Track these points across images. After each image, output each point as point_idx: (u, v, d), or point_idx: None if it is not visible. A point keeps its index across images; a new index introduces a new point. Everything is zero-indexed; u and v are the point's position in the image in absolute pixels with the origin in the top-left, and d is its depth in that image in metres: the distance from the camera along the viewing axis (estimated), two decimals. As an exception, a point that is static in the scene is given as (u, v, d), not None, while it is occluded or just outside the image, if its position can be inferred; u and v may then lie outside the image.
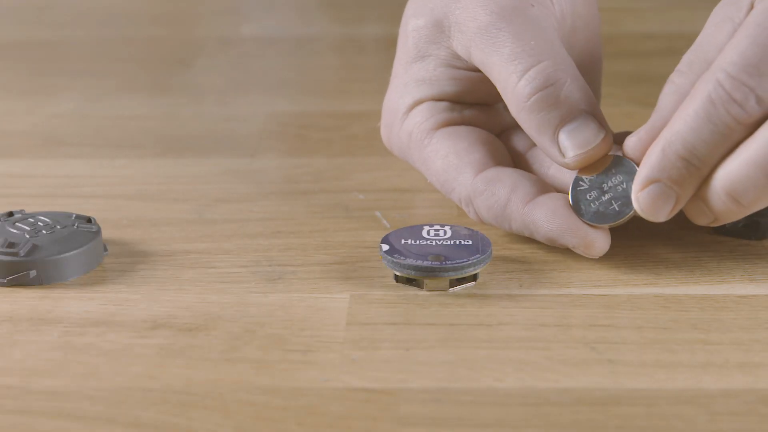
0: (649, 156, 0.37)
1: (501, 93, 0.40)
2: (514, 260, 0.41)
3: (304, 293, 0.39)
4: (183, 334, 0.36)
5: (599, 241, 0.39)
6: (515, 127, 0.44)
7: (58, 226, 0.41)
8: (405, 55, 0.45)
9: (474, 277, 0.39)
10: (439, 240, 0.40)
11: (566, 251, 0.41)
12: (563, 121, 0.39)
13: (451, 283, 0.39)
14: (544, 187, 0.41)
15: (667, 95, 0.38)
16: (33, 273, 0.39)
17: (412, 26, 0.44)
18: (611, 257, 0.41)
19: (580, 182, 0.40)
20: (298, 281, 0.40)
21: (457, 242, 0.40)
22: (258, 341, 0.36)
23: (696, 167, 0.37)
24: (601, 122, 0.39)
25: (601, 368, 0.34)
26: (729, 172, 0.36)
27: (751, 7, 0.38)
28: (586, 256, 0.40)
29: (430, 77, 0.43)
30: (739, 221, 0.43)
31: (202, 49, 0.73)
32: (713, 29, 0.39)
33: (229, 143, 0.55)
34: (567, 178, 0.41)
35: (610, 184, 0.39)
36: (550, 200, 0.40)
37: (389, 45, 0.48)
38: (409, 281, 0.39)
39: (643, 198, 0.37)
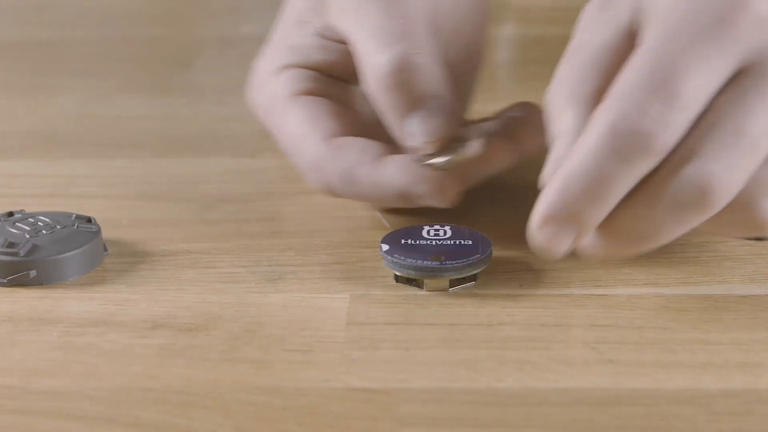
0: (548, 192, 0.34)
1: (359, 66, 0.40)
2: (514, 260, 0.41)
3: (304, 293, 0.39)
4: (183, 334, 0.36)
5: (450, 184, 0.39)
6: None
7: (58, 226, 0.41)
8: (287, 19, 0.45)
9: (474, 277, 0.39)
10: (439, 240, 0.40)
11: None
12: (412, 106, 0.39)
13: (451, 283, 0.39)
14: (396, 153, 0.40)
15: (568, 113, 0.36)
16: (33, 273, 0.39)
17: None
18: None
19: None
20: (298, 281, 0.40)
21: (457, 242, 0.40)
22: (258, 341, 0.36)
23: (600, 202, 0.33)
24: (450, 111, 0.39)
25: (601, 368, 0.34)
26: (633, 209, 0.34)
27: (632, 19, 0.36)
28: (439, 204, 0.39)
29: (302, 44, 0.43)
30: (739, 221, 0.43)
31: (202, 49, 0.73)
32: (594, 34, 0.37)
33: (229, 143, 0.55)
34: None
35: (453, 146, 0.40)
36: (400, 158, 0.40)
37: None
38: (409, 281, 0.39)
39: (542, 235, 0.34)
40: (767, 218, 0.34)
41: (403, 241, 0.40)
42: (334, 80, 0.44)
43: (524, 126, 0.43)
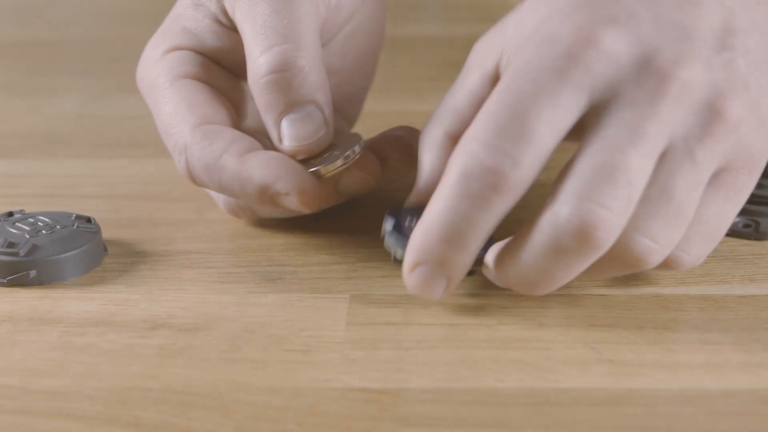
0: (413, 238, 0.35)
1: (246, 59, 0.40)
2: (514, 260, 0.41)
3: (304, 293, 0.39)
4: (183, 334, 0.36)
5: (311, 186, 0.38)
6: None
7: (58, 226, 0.41)
8: (182, 2, 0.44)
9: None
10: None
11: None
12: (288, 108, 0.39)
13: None
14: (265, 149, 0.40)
15: (426, 155, 0.38)
16: (33, 273, 0.39)
17: None
18: (611, 257, 0.41)
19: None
20: (298, 281, 0.40)
21: None
22: (258, 341, 0.36)
23: (461, 245, 0.34)
24: (326, 118, 0.39)
25: (601, 368, 0.34)
26: (513, 255, 0.35)
27: (497, 63, 0.37)
28: (300, 209, 0.38)
29: (194, 27, 0.42)
30: (739, 221, 0.43)
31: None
32: (464, 79, 0.38)
33: (229, 143, 0.55)
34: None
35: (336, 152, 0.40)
36: (267, 153, 0.39)
37: (389, 45, 0.48)
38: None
39: (412, 281, 0.35)
40: (642, 253, 0.34)
41: (408, 220, 0.39)
42: (222, 71, 0.43)
43: (399, 147, 0.42)
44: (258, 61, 0.39)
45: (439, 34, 0.83)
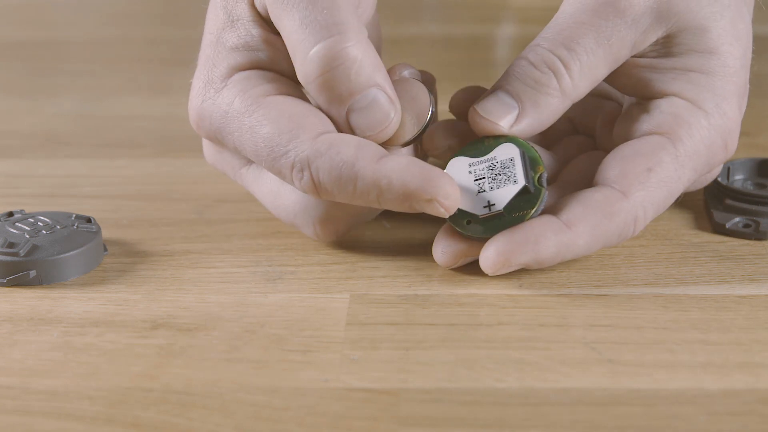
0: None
1: (292, 59, 0.39)
2: (514, 260, 0.41)
3: (304, 293, 0.39)
4: (183, 334, 0.36)
5: (453, 191, 0.37)
6: None
7: (58, 226, 0.41)
8: (215, 25, 0.41)
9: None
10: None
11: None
12: (351, 99, 0.38)
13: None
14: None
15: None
16: (33, 273, 0.39)
17: None
18: (611, 257, 0.41)
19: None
20: (298, 281, 0.40)
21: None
22: (258, 341, 0.36)
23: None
24: (391, 97, 0.38)
25: (601, 368, 0.34)
26: None
27: None
28: (440, 214, 0.37)
29: (245, 43, 0.40)
30: (739, 221, 0.43)
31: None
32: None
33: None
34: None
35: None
36: (403, 158, 0.37)
37: (389, 45, 0.48)
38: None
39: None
40: None
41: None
42: (286, 79, 0.40)
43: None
44: (307, 61, 0.37)
45: (439, 34, 0.83)
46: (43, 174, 0.52)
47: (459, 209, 0.38)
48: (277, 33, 0.40)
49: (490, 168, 0.39)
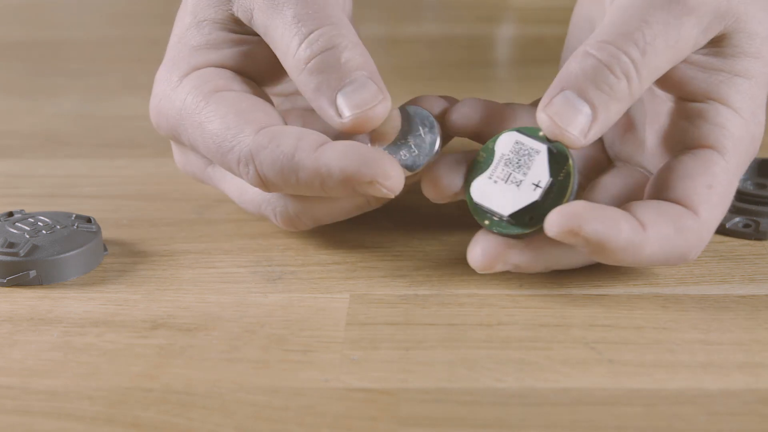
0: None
1: (280, 57, 0.39)
2: (514, 260, 0.41)
3: (304, 293, 0.39)
4: (183, 334, 0.36)
5: (394, 170, 0.36)
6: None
7: (58, 226, 0.41)
8: (180, 26, 0.42)
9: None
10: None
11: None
12: (341, 82, 0.38)
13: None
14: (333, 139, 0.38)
15: None
16: (33, 273, 0.39)
17: None
18: (611, 257, 0.41)
19: (377, 146, 0.39)
20: (298, 281, 0.40)
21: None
22: (258, 341, 0.36)
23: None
24: (380, 87, 0.38)
25: (601, 368, 0.34)
26: None
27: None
28: (382, 194, 0.36)
29: (206, 42, 0.41)
30: (739, 221, 0.43)
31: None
32: (577, 30, 0.40)
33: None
34: None
35: (403, 137, 0.38)
36: (342, 143, 0.37)
37: (389, 45, 0.48)
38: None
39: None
40: None
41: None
42: (245, 80, 0.41)
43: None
44: (300, 49, 0.38)
45: (439, 34, 0.83)
46: (43, 174, 0.52)
47: (507, 220, 0.37)
48: (244, 34, 0.41)
49: (507, 164, 0.37)
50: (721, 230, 0.43)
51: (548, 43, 0.76)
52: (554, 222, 0.35)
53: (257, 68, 0.42)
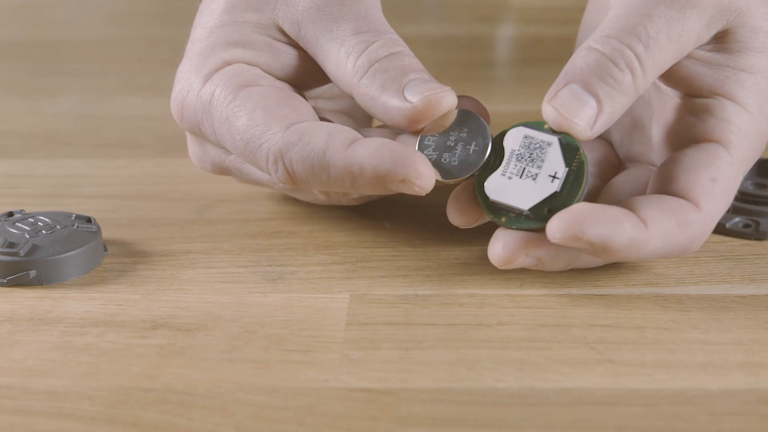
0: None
1: (333, 68, 0.39)
2: (514, 260, 0.41)
3: (304, 293, 0.39)
4: (183, 334, 0.36)
5: (426, 168, 0.36)
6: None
7: (58, 226, 0.41)
8: (208, 22, 0.42)
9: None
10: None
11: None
12: (407, 77, 0.38)
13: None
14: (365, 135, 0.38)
15: None
16: (33, 273, 0.39)
17: None
18: (611, 257, 0.41)
19: (426, 141, 0.38)
20: (298, 281, 0.40)
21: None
22: (258, 341, 0.36)
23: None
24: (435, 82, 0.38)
25: (601, 368, 0.34)
26: None
27: None
28: (414, 192, 0.36)
29: (244, 41, 0.41)
30: (738, 221, 0.43)
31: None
32: (592, 15, 0.40)
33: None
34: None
35: (453, 139, 0.38)
36: (373, 140, 0.36)
37: (389, 45, 0.48)
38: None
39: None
40: None
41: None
42: (274, 77, 0.41)
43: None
44: (363, 56, 0.38)
45: (439, 34, 0.83)
46: (43, 174, 0.52)
47: (527, 215, 0.37)
48: (284, 43, 0.41)
49: (519, 159, 0.37)
50: (721, 230, 0.43)
51: (548, 43, 0.76)
52: (556, 227, 0.35)
53: (288, 74, 0.41)
